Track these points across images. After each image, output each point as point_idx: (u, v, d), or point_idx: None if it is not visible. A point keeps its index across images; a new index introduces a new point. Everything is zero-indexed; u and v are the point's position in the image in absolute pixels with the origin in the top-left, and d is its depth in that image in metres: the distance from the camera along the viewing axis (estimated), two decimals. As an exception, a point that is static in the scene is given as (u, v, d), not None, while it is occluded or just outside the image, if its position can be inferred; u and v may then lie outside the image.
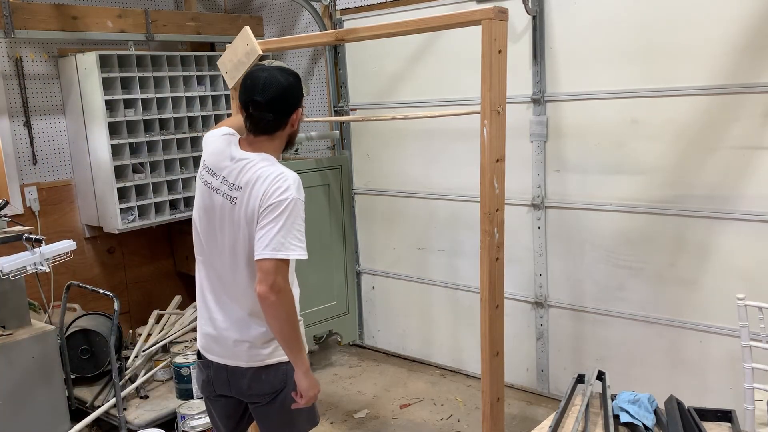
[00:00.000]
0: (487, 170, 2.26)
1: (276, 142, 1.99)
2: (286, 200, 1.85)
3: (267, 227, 1.84)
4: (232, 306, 2.01)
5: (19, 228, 3.08)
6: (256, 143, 1.97)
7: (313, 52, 4.41)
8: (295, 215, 1.86)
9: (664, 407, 1.91)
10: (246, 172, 1.91)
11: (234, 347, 2.02)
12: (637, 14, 3.04)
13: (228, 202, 1.93)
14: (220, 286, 2.03)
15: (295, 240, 1.85)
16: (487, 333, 2.35)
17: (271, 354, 2.02)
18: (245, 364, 2.02)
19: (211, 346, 2.08)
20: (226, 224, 1.95)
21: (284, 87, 1.91)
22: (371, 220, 4.30)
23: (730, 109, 2.87)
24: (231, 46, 2.84)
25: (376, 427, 3.49)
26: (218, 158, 2.00)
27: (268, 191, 1.86)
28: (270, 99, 1.90)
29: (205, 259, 2.06)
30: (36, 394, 3.02)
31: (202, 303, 2.10)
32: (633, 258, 3.25)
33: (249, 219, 1.89)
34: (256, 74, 1.93)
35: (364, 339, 4.53)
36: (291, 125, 1.99)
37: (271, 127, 1.95)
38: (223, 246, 1.98)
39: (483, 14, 2.15)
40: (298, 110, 1.98)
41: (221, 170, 1.97)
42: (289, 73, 1.96)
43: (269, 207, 1.85)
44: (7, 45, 3.76)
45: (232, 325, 2.02)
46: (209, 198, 1.99)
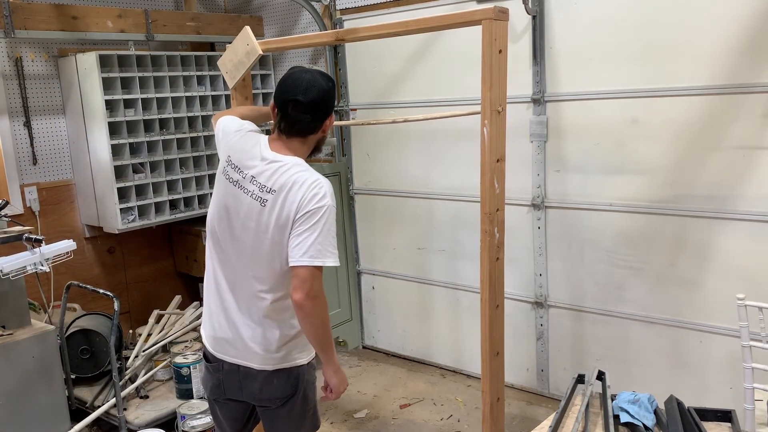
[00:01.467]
0: (488, 170, 2.26)
1: (307, 146, 1.97)
2: (323, 208, 1.83)
3: (304, 234, 1.82)
4: (248, 307, 1.98)
5: (19, 228, 3.07)
6: (289, 145, 1.94)
7: (313, 52, 4.41)
8: (331, 223, 1.85)
9: (664, 407, 1.91)
10: (281, 176, 1.87)
11: (247, 348, 1.99)
12: (637, 14, 3.04)
13: (257, 203, 1.89)
14: (235, 285, 1.99)
15: (331, 247, 1.84)
16: (487, 333, 2.35)
17: (285, 358, 2.00)
18: (258, 366, 1.99)
19: (224, 346, 2.04)
20: (252, 224, 1.90)
21: (326, 90, 1.91)
22: (371, 220, 4.30)
23: (730, 109, 2.87)
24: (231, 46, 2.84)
25: (376, 427, 3.49)
26: (246, 156, 1.95)
27: (305, 198, 1.83)
28: (312, 100, 1.88)
29: (220, 257, 2.01)
30: (36, 394, 3.02)
31: (215, 302, 2.05)
32: (633, 258, 3.25)
33: (281, 223, 1.86)
34: (299, 75, 1.91)
35: (364, 339, 4.53)
36: (323, 130, 1.97)
37: (307, 130, 1.93)
38: (244, 245, 1.93)
39: (483, 14, 2.15)
40: (331, 116, 1.98)
41: (249, 169, 1.92)
42: (328, 78, 1.96)
43: (307, 214, 1.82)
44: (7, 45, 3.76)
45: (246, 326, 1.98)
46: (233, 196, 1.94)
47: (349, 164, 4.30)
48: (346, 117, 4.25)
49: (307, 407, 2.09)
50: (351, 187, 4.33)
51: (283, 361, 2.00)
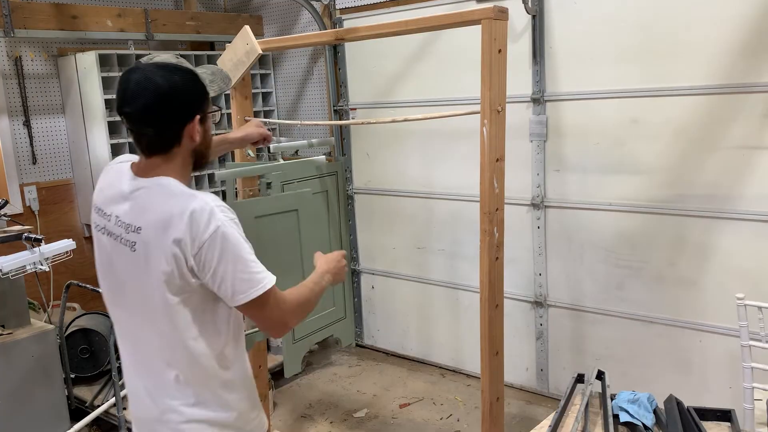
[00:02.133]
0: (487, 170, 2.26)
1: (176, 162, 1.52)
2: (217, 233, 1.43)
3: (219, 273, 1.45)
4: (155, 379, 1.57)
5: (19, 227, 3.07)
6: (152, 167, 1.51)
7: (313, 52, 4.41)
8: (236, 241, 1.46)
9: (664, 407, 1.91)
10: (145, 209, 1.47)
11: (162, 429, 1.58)
12: (637, 14, 3.04)
13: (127, 248, 1.50)
14: (137, 355, 1.60)
15: (257, 266, 1.49)
16: (487, 332, 2.35)
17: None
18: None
19: (141, 427, 1.64)
20: (132, 276, 1.51)
21: (163, 90, 1.45)
22: (371, 219, 4.30)
23: (729, 108, 2.87)
24: (231, 46, 2.84)
25: (375, 427, 3.49)
26: (108, 194, 1.58)
27: (186, 232, 1.42)
28: (143, 108, 1.45)
29: (117, 324, 1.65)
30: (36, 393, 3.02)
31: (125, 376, 1.67)
32: (633, 258, 3.25)
33: (159, 268, 1.45)
34: (127, 76, 1.47)
35: (363, 339, 4.53)
36: (190, 138, 1.51)
37: (159, 145, 1.49)
38: (132, 304, 1.55)
39: (483, 14, 2.15)
40: (195, 118, 1.50)
41: (113, 209, 1.54)
42: (173, 70, 1.49)
43: (202, 250, 1.43)
44: (7, 44, 3.76)
45: (155, 402, 1.57)
46: (105, 246, 1.58)
47: (348, 164, 4.30)
48: (345, 116, 4.25)
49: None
50: (350, 187, 4.33)
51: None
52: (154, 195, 1.49)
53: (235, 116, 2.89)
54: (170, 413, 1.56)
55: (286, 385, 3.98)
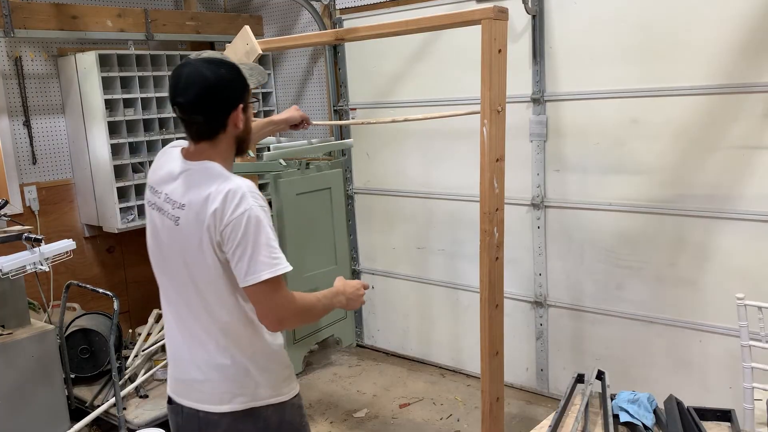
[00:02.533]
0: (487, 170, 2.26)
1: (221, 148, 1.68)
2: (244, 214, 1.57)
3: (238, 250, 1.58)
4: (193, 341, 1.73)
5: (19, 227, 3.07)
6: (199, 152, 1.69)
7: (313, 52, 4.41)
8: (260, 227, 1.58)
9: (664, 407, 1.91)
10: (190, 188, 1.64)
11: (204, 390, 1.73)
12: (637, 14, 3.04)
13: (173, 223, 1.66)
14: (180, 320, 1.76)
15: (275, 252, 1.60)
16: (487, 332, 2.35)
17: (250, 397, 1.74)
18: (217, 408, 1.72)
19: (180, 388, 1.80)
20: (176, 248, 1.67)
21: (211, 82, 1.60)
22: (371, 219, 4.30)
23: (730, 108, 2.87)
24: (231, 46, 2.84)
25: (375, 427, 3.49)
26: (160, 174, 1.74)
27: (218, 210, 1.58)
28: (193, 99, 1.61)
29: (163, 292, 1.80)
30: (36, 393, 3.02)
31: (168, 340, 1.84)
32: (633, 258, 3.25)
33: (200, 242, 1.62)
34: (178, 70, 1.63)
35: (363, 339, 4.53)
36: (234, 125, 1.68)
37: (207, 132, 1.66)
38: (176, 274, 1.71)
39: (483, 14, 2.15)
40: (239, 107, 1.67)
41: (164, 187, 1.70)
42: (219, 64, 1.65)
43: (228, 228, 1.57)
44: (7, 44, 3.76)
45: (197, 364, 1.73)
46: (155, 221, 1.73)
47: (348, 164, 4.30)
48: (345, 116, 4.25)
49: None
50: (350, 187, 4.33)
51: (249, 402, 1.73)
52: (199, 176, 1.65)
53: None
54: (210, 374, 1.71)
55: (286, 385, 3.98)
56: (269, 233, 1.60)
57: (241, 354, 1.71)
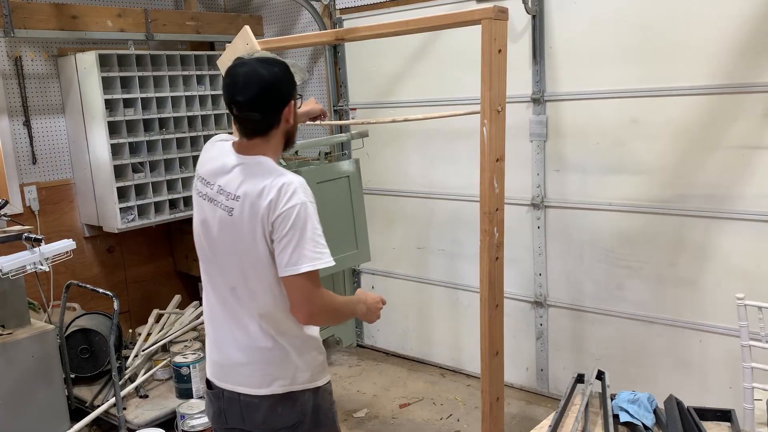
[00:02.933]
0: (487, 170, 2.26)
1: (272, 143, 1.78)
2: (295, 207, 1.66)
3: (284, 241, 1.66)
4: (242, 329, 1.81)
5: (19, 227, 3.07)
6: (251, 147, 1.77)
7: (313, 52, 4.41)
8: (308, 221, 1.67)
9: (664, 407, 1.91)
10: (245, 181, 1.72)
11: (246, 374, 1.82)
12: (637, 14, 3.04)
13: (226, 213, 1.74)
14: (224, 305, 1.84)
15: (320, 247, 1.68)
16: (487, 332, 2.35)
17: (289, 382, 1.82)
18: (258, 390, 1.81)
19: (222, 372, 1.88)
20: (227, 237, 1.76)
21: (267, 80, 1.69)
22: (371, 219, 4.29)
23: (729, 108, 2.87)
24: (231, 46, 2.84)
25: (375, 427, 3.49)
26: (212, 166, 1.82)
27: (273, 201, 1.66)
28: (253, 97, 1.69)
29: (209, 278, 1.87)
30: (36, 393, 3.02)
31: (210, 326, 1.91)
32: (633, 258, 3.25)
33: (253, 231, 1.70)
34: (235, 70, 1.72)
35: (363, 339, 4.53)
36: (286, 121, 1.77)
37: (262, 128, 1.75)
38: (224, 261, 1.79)
39: (483, 14, 2.15)
40: (290, 103, 1.77)
41: (217, 179, 1.78)
42: (272, 63, 1.74)
43: (279, 218, 1.66)
44: (7, 44, 3.76)
45: (243, 349, 1.81)
46: (206, 210, 1.81)
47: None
48: (345, 116, 4.25)
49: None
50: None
51: (288, 385, 1.81)
52: (254, 170, 1.73)
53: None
54: (252, 357, 1.80)
55: (286, 385, 3.98)
56: (316, 228, 1.69)
57: (282, 338, 1.80)
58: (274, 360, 1.80)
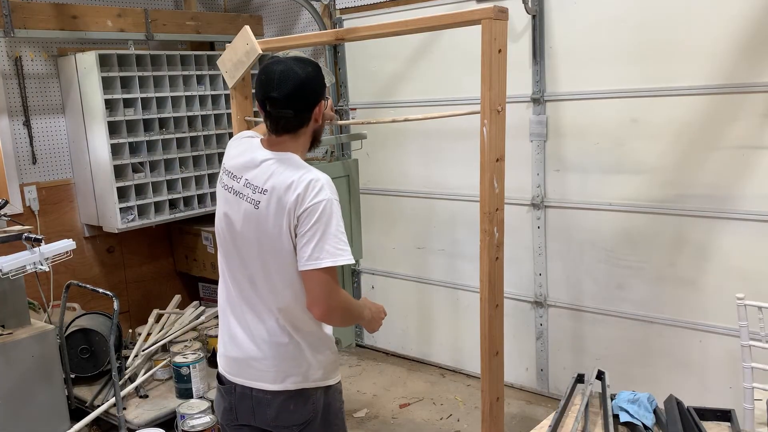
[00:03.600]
0: (487, 169, 2.26)
1: (300, 141, 1.81)
2: (321, 203, 1.69)
3: (308, 235, 1.69)
4: (258, 323, 1.83)
5: (19, 227, 3.07)
6: (280, 143, 1.80)
7: (313, 52, 4.41)
8: (333, 218, 1.70)
9: (664, 407, 1.91)
10: (272, 175, 1.74)
11: (260, 369, 1.83)
12: (637, 14, 3.04)
13: (252, 206, 1.76)
14: (243, 299, 1.84)
15: (341, 243, 1.70)
16: (487, 332, 2.35)
17: (302, 379, 1.83)
18: (271, 386, 1.82)
19: (235, 367, 1.88)
20: (252, 230, 1.77)
21: (302, 79, 1.73)
22: (371, 219, 4.30)
23: (730, 108, 2.87)
24: (231, 46, 2.84)
25: (375, 427, 3.49)
26: (240, 160, 1.83)
27: (300, 195, 1.69)
28: (288, 94, 1.72)
29: (229, 271, 1.88)
30: (36, 393, 3.02)
31: (224, 320, 1.91)
32: (633, 258, 3.25)
33: (278, 226, 1.72)
34: (271, 67, 1.75)
35: (363, 339, 4.53)
36: (315, 120, 1.82)
37: (293, 125, 1.78)
38: (246, 254, 1.80)
39: (483, 14, 2.15)
40: (321, 103, 1.81)
41: (244, 172, 1.80)
42: (307, 63, 1.78)
43: (305, 212, 1.69)
44: (7, 44, 3.76)
45: (258, 344, 1.83)
46: (231, 203, 1.82)
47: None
48: (345, 116, 4.25)
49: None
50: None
51: (301, 382, 1.83)
52: (282, 165, 1.76)
53: (235, 116, 2.89)
54: (267, 352, 1.81)
55: (286, 385, 3.98)
56: (340, 225, 1.72)
57: (298, 334, 1.81)
58: (289, 356, 1.82)
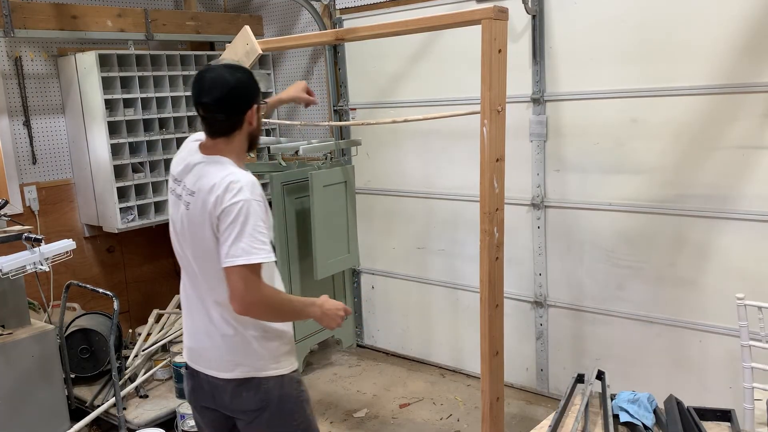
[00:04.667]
0: (487, 170, 2.26)
1: (235, 143, 1.89)
2: (238, 204, 1.75)
3: (226, 233, 1.76)
4: (207, 315, 1.94)
5: (19, 227, 3.07)
6: (214, 146, 1.89)
7: (313, 52, 4.41)
8: (250, 218, 1.76)
9: (664, 407, 1.91)
10: (201, 178, 1.84)
11: (212, 358, 1.95)
12: (637, 14, 3.04)
13: (185, 208, 1.87)
14: (192, 294, 1.97)
15: (258, 243, 1.75)
16: (487, 332, 2.35)
17: (251, 368, 1.92)
18: (222, 374, 1.93)
19: (194, 356, 2.02)
20: (187, 231, 1.89)
21: (231, 84, 1.82)
22: (371, 219, 4.30)
23: (729, 108, 2.87)
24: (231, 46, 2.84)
25: (375, 427, 3.49)
26: (180, 165, 1.95)
27: (219, 197, 1.77)
28: (218, 99, 1.82)
29: (182, 267, 2.00)
30: (36, 393, 3.02)
31: (184, 312, 2.05)
32: (633, 258, 3.25)
33: (204, 225, 1.82)
34: (203, 74, 1.86)
35: (363, 339, 4.53)
36: (249, 123, 1.89)
37: (225, 128, 1.87)
38: (190, 253, 1.92)
39: (483, 14, 2.15)
40: (253, 107, 1.88)
41: (183, 177, 1.91)
42: (237, 69, 1.88)
43: (223, 213, 1.76)
44: (7, 44, 3.76)
45: (208, 334, 1.94)
46: (174, 206, 1.95)
47: (348, 163, 4.30)
48: (345, 117, 4.25)
49: (288, 423, 1.98)
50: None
51: (249, 371, 1.92)
52: (210, 168, 1.85)
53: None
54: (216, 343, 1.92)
55: (286, 385, 3.98)
56: (258, 225, 1.76)
57: (242, 327, 1.89)
58: (236, 346, 1.91)
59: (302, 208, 3.66)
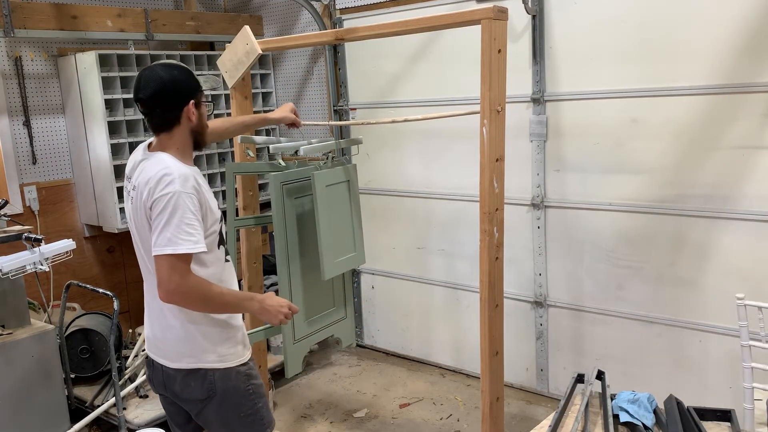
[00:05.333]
0: (487, 169, 2.26)
1: (176, 139, 1.95)
2: (167, 195, 1.82)
3: (155, 224, 1.83)
4: (155, 306, 2.02)
5: (19, 227, 3.07)
6: (158, 143, 1.97)
7: (313, 52, 4.41)
8: (178, 209, 1.81)
9: (664, 407, 1.91)
10: (141, 173, 1.92)
11: (160, 347, 2.04)
12: (637, 14, 3.04)
13: (131, 203, 1.97)
14: (148, 287, 2.06)
15: (184, 234, 1.81)
16: (487, 332, 2.35)
17: (196, 358, 1.99)
18: (171, 364, 2.01)
19: (148, 345, 2.11)
20: (134, 225, 1.98)
21: (165, 81, 1.89)
22: (371, 219, 4.30)
23: (729, 108, 2.87)
24: (231, 46, 2.84)
25: (375, 427, 3.49)
26: (131, 164, 2.04)
27: (151, 189, 1.85)
28: (152, 94, 1.89)
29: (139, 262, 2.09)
30: (36, 393, 3.02)
31: (145, 304, 2.13)
32: (633, 258, 3.25)
33: (142, 217, 1.90)
34: (141, 73, 1.94)
35: (363, 339, 4.53)
36: (188, 119, 1.95)
37: (164, 124, 1.93)
38: (140, 246, 2.01)
39: (483, 14, 2.15)
40: (190, 103, 1.93)
41: (132, 174, 2.00)
42: (173, 67, 1.94)
43: (154, 204, 1.84)
44: (7, 44, 3.76)
45: (157, 324, 2.04)
46: (126, 203, 2.05)
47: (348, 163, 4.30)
48: (345, 116, 4.25)
49: (235, 415, 2.04)
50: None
51: (195, 362, 1.99)
52: (150, 164, 1.92)
53: (235, 116, 2.90)
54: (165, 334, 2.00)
55: (286, 385, 3.98)
56: (186, 216, 1.82)
57: (187, 319, 1.97)
58: (181, 338, 1.98)
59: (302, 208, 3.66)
